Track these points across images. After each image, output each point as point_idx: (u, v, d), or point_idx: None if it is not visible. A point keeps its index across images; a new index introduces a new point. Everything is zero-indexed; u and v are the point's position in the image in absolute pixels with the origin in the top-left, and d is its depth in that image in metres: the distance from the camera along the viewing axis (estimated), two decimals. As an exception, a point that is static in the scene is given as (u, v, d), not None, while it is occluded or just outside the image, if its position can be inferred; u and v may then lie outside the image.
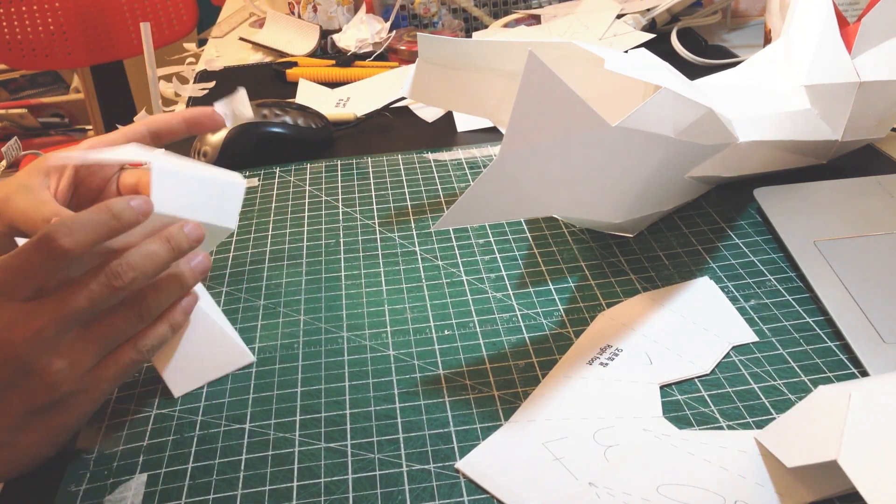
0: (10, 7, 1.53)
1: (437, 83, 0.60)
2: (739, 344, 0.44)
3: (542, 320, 0.48)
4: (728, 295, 0.49)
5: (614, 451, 0.38)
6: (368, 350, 0.46)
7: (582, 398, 0.41)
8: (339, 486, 0.37)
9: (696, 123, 0.48)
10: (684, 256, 0.53)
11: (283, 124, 0.70)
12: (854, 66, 0.55)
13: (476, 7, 1.02)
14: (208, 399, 0.43)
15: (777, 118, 0.56)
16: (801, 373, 0.42)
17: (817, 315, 0.46)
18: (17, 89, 2.16)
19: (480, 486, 0.37)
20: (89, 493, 0.38)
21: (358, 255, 0.56)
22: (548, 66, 0.38)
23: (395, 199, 0.63)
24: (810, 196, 0.56)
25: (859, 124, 0.57)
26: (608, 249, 0.54)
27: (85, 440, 0.41)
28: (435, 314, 0.49)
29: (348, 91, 0.87)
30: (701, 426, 0.39)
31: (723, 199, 0.59)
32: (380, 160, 0.70)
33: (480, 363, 0.45)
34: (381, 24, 0.99)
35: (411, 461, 0.39)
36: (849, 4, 0.72)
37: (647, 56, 0.51)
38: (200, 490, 0.38)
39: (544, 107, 0.39)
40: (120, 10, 1.63)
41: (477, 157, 0.69)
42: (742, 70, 0.62)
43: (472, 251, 0.55)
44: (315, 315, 0.50)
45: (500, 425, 0.40)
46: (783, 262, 0.51)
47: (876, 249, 0.50)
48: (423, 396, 0.42)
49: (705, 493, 0.35)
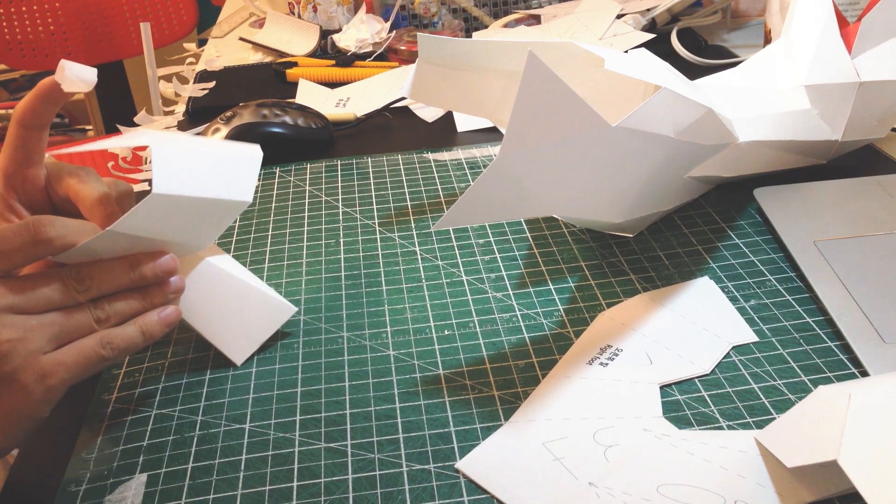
0: (10, 7, 1.53)
1: (437, 83, 0.60)
2: (739, 344, 0.44)
3: (542, 320, 0.48)
4: (728, 295, 0.49)
5: (614, 451, 0.38)
6: (368, 350, 0.46)
7: (582, 398, 0.41)
8: (339, 486, 0.37)
9: (696, 123, 0.48)
10: (684, 256, 0.53)
11: (283, 124, 0.70)
12: (854, 66, 0.55)
13: (476, 7, 1.02)
14: (208, 399, 0.43)
15: (777, 118, 0.56)
16: (801, 373, 0.42)
17: (817, 315, 0.46)
18: (17, 89, 2.16)
19: (480, 486, 0.37)
20: (89, 493, 0.38)
21: (358, 255, 0.56)
22: (548, 66, 0.38)
23: (395, 199, 0.63)
24: (810, 196, 0.56)
25: (859, 124, 0.57)
26: (608, 249, 0.54)
27: (85, 440, 0.41)
28: (435, 314, 0.49)
29: (348, 91, 0.87)
30: (701, 426, 0.39)
31: (723, 199, 0.59)
32: (380, 160, 0.70)
33: (480, 363, 0.45)
34: (381, 24, 0.99)
35: (411, 461, 0.39)
36: (849, 4, 0.72)
37: (647, 56, 0.51)
38: (200, 490, 0.38)
39: (544, 107, 0.39)
40: (120, 10, 1.63)
41: (477, 157, 0.69)
42: (742, 70, 0.62)
43: (472, 251, 0.55)
44: (315, 315, 0.50)
45: (500, 425, 0.40)
46: (783, 262, 0.51)
47: (876, 249, 0.50)
48: (423, 396, 0.42)
49: (705, 493, 0.35)
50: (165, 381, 0.45)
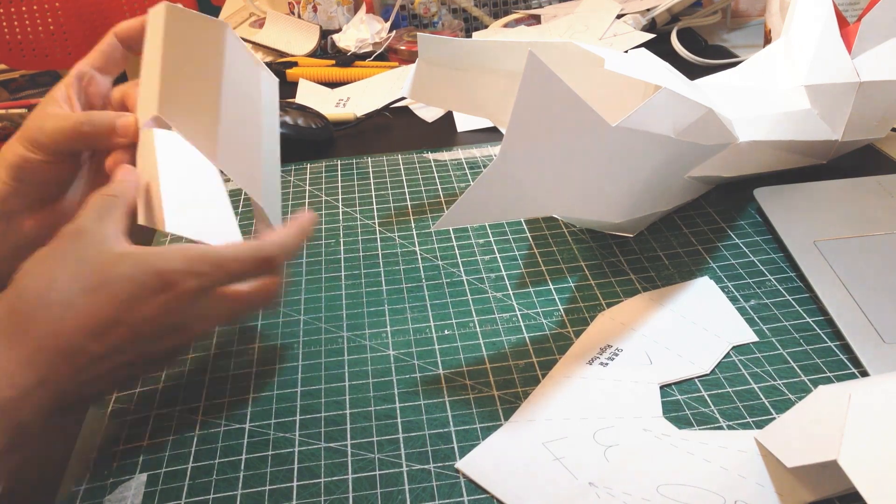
0: (10, 7, 1.53)
1: (437, 83, 0.60)
2: (739, 344, 0.44)
3: (542, 320, 0.48)
4: (728, 295, 0.49)
5: (614, 451, 0.38)
6: (368, 350, 0.46)
7: (582, 398, 0.41)
8: (339, 486, 0.37)
9: (696, 123, 0.48)
10: (684, 256, 0.53)
11: (283, 124, 0.70)
12: (854, 66, 0.55)
13: (476, 7, 1.02)
14: (208, 399, 0.43)
15: (777, 118, 0.56)
16: (801, 373, 0.42)
17: (817, 315, 0.46)
18: (17, 89, 2.15)
19: (480, 486, 0.37)
20: (89, 493, 0.38)
21: (358, 255, 0.56)
22: (548, 66, 0.38)
23: (395, 199, 0.63)
24: (810, 196, 0.56)
25: (859, 124, 0.57)
26: (608, 249, 0.54)
27: (85, 440, 0.41)
28: (435, 314, 0.49)
29: (348, 91, 0.87)
30: (701, 426, 0.39)
31: (723, 199, 0.59)
32: (380, 160, 0.70)
33: (480, 363, 0.45)
34: (381, 24, 0.99)
35: (411, 461, 0.39)
36: (849, 4, 0.72)
37: (647, 56, 0.51)
38: (200, 490, 0.38)
39: (544, 107, 0.39)
40: (120, 11, 1.63)
41: (477, 157, 0.69)
42: (742, 70, 0.62)
43: (472, 251, 0.55)
44: (315, 315, 0.50)
45: (500, 425, 0.40)
46: (783, 262, 0.51)
47: (876, 249, 0.50)
48: (423, 396, 0.42)
49: (705, 493, 0.35)
50: (165, 381, 0.45)
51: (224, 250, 0.38)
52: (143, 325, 0.35)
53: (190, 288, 0.36)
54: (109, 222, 0.37)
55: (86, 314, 0.34)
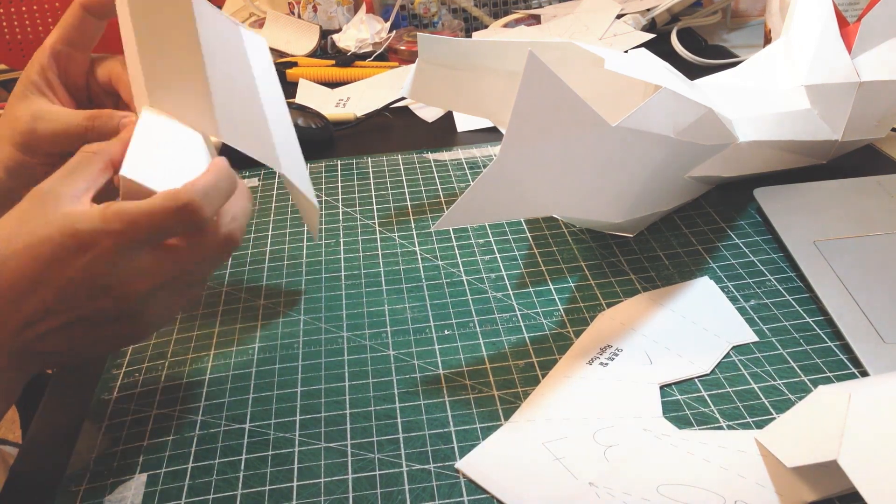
0: (10, 7, 1.53)
1: (437, 83, 0.60)
2: (739, 344, 0.44)
3: (542, 320, 0.48)
4: (728, 295, 0.49)
5: (614, 451, 0.38)
6: (368, 350, 0.46)
7: (582, 398, 0.41)
8: (339, 486, 0.37)
9: (696, 123, 0.48)
10: (684, 256, 0.53)
11: (283, 124, 0.70)
12: (854, 66, 0.55)
13: (476, 7, 1.02)
14: (208, 399, 0.43)
15: (777, 118, 0.56)
16: (801, 373, 0.42)
17: (817, 315, 0.46)
18: (17, 89, 2.15)
19: (480, 486, 0.37)
20: (89, 493, 0.38)
21: (358, 255, 0.56)
22: (548, 66, 0.38)
23: (395, 199, 0.63)
24: (810, 196, 0.56)
25: (859, 124, 0.57)
26: (608, 249, 0.54)
27: (85, 440, 0.41)
28: (435, 314, 0.49)
29: (348, 91, 0.87)
30: (701, 426, 0.39)
31: (723, 199, 0.59)
32: (380, 160, 0.70)
33: (480, 363, 0.45)
34: (381, 24, 0.99)
35: (411, 461, 0.39)
36: (849, 4, 0.72)
37: (647, 56, 0.51)
38: (200, 490, 0.38)
39: (544, 107, 0.39)
40: (120, 10, 1.63)
41: (477, 157, 0.69)
42: (742, 70, 0.62)
43: (472, 251, 0.55)
44: (315, 315, 0.50)
45: (500, 425, 0.40)
46: (783, 262, 0.51)
47: (876, 249, 0.50)
48: (423, 396, 0.42)
49: (705, 493, 0.35)
50: (165, 381, 0.45)
51: (138, 205, 0.35)
52: (68, 285, 0.35)
53: (108, 247, 0.35)
54: (77, 180, 0.36)
55: (13, 274, 0.34)
